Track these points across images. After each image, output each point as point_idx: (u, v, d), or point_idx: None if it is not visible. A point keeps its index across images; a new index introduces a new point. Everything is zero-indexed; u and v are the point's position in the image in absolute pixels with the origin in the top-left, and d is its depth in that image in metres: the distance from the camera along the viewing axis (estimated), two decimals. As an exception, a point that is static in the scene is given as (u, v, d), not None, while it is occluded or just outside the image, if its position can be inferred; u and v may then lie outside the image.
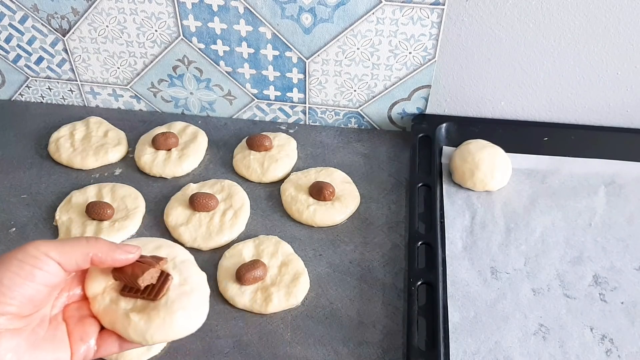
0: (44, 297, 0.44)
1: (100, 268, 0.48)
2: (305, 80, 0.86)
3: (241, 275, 0.68)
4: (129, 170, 0.85)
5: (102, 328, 0.48)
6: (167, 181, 0.83)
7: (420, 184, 0.79)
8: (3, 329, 0.42)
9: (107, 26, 0.84)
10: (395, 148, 0.88)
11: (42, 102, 0.95)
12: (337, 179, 0.81)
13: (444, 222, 0.77)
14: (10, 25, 0.86)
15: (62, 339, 0.46)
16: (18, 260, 0.43)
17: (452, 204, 0.79)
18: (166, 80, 0.89)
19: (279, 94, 0.88)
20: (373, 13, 0.77)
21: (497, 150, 0.81)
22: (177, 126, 0.88)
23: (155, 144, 0.84)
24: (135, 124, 0.91)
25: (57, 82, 0.92)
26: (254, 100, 0.90)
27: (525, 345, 0.65)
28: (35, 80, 0.93)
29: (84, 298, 0.49)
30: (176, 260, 0.50)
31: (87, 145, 0.85)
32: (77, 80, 0.92)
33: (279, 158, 0.83)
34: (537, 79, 0.83)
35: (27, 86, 0.94)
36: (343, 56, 0.82)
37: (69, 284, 0.49)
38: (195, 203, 0.76)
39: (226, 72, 0.87)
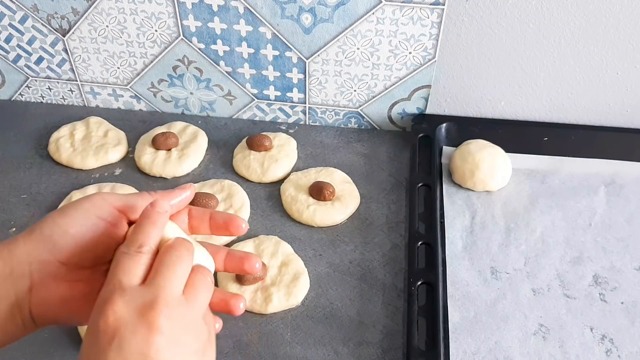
0: (101, 248, 0.44)
1: None
2: (305, 80, 0.86)
3: (241, 275, 0.68)
4: (129, 170, 0.85)
5: None
6: (167, 181, 0.83)
7: (420, 184, 0.79)
8: (63, 279, 0.43)
9: (107, 26, 0.84)
10: (395, 148, 0.88)
11: (42, 102, 0.95)
12: (337, 179, 0.81)
13: (444, 222, 0.77)
14: (10, 25, 0.86)
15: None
16: (84, 210, 0.43)
17: (452, 204, 0.79)
18: (166, 80, 0.89)
19: (279, 94, 0.88)
20: (373, 13, 0.77)
21: (497, 150, 0.81)
22: (177, 126, 0.88)
23: (155, 144, 0.84)
24: (135, 124, 0.91)
25: (57, 82, 0.92)
26: (254, 100, 0.90)
27: (525, 345, 0.65)
28: (35, 80, 0.93)
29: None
30: None
31: (87, 145, 0.85)
32: (77, 80, 0.92)
33: (279, 158, 0.83)
34: (537, 79, 0.83)
35: (27, 86, 0.94)
36: (343, 56, 0.82)
37: None
38: (195, 203, 0.76)
39: (226, 72, 0.87)
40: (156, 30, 0.83)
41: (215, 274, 0.71)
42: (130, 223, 0.46)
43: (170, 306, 0.39)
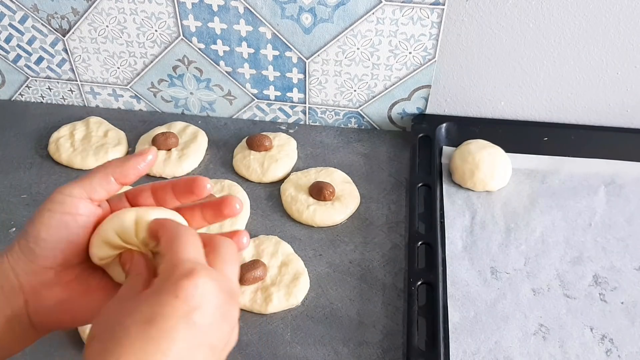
0: (85, 237, 0.43)
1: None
2: (305, 80, 0.86)
3: (241, 275, 0.68)
4: (129, 170, 0.84)
5: None
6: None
7: (420, 184, 0.79)
8: (55, 284, 0.43)
9: (107, 26, 0.84)
10: (395, 148, 0.88)
11: (42, 102, 0.95)
12: (337, 179, 0.81)
13: (444, 222, 0.77)
14: (10, 25, 0.86)
15: (113, 285, 0.45)
16: (48, 211, 0.42)
17: (452, 204, 0.79)
18: (166, 80, 0.89)
19: (279, 94, 0.88)
20: (373, 13, 0.77)
21: (497, 150, 0.81)
22: (177, 126, 0.88)
23: (155, 144, 0.84)
24: (135, 124, 0.91)
25: (57, 82, 0.92)
26: (254, 100, 0.90)
27: (525, 345, 0.65)
28: (35, 80, 0.93)
29: None
30: None
31: (87, 145, 0.85)
32: (77, 80, 0.92)
33: (279, 158, 0.83)
34: (537, 79, 0.83)
35: (27, 86, 0.94)
36: (343, 56, 0.82)
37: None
38: (195, 203, 0.76)
39: (226, 72, 0.87)
40: (156, 30, 0.83)
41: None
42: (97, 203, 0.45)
43: (239, 299, 0.41)
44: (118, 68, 0.89)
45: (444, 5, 0.75)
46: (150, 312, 0.36)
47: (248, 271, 0.68)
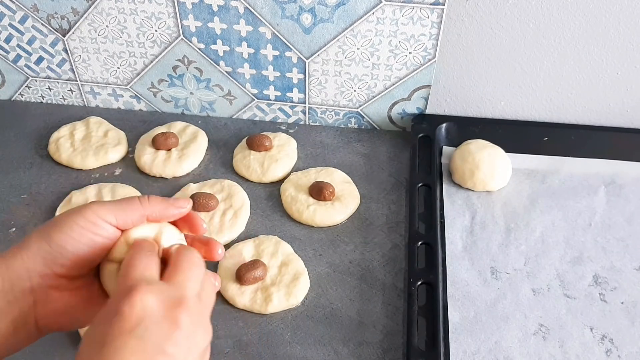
0: (98, 258, 0.46)
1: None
2: (305, 80, 0.86)
3: (241, 275, 0.68)
4: (129, 170, 0.85)
5: None
6: (167, 181, 0.83)
7: (420, 184, 0.79)
8: (65, 288, 0.44)
9: (107, 26, 0.84)
10: (395, 148, 0.88)
11: (42, 102, 0.95)
12: (337, 179, 0.81)
13: (444, 222, 0.77)
14: (10, 25, 0.86)
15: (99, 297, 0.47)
16: (79, 227, 0.44)
17: (452, 204, 0.79)
18: (166, 80, 0.89)
19: (279, 94, 0.88)
20: (373, 13, 0.77)
21: (497, 150, 0.81)
22: (177, 126, 0.88)
23: (155, 144, 0.84)
24: (135, 124, 0.91)
25: (57, 82, 0.92)
26: (254, 100, 0.90)
27: (525, 345, 0.65)
28: (35, 80, 0.93)
29: None
30: None
31: (87, 145, 0.85)
32: (77, 80, 0.92)
33: (279, 158, 0.83)
34: (537, 79, 0.83)
35: (27, 86, 0.94)
36: (343, 56, 0.82)
37: None
38: (195, 203, 0.76)
39: (226, 72, 0.87)
40: (156, 30, 0.83)
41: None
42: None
43: (191, 305, 0.41)
44: (118, 68, 0.89)
45: (444, 5, 0.75)
46: (101, 333, 0.38)
47: (248, 271, 0.68)
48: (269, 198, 0.81)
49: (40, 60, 0.90)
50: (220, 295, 0.69)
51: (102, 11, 0.82)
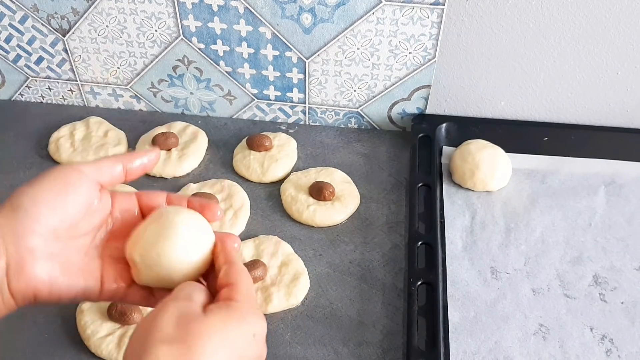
0: (80, 216, 0.45)
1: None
2: (305, 80, 0.86)
3: (241, 275, 0.68)
4: (129, 170, 0.85)
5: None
6: (167, 181, 0.83)
7: (420, 184, 0.79)
8: (40, 252, 0.43)
9: (107, 26, 0.84)
10: (395, 148, 0.88)
11: (42, 102, 0.95)
12: (337, 179, 0.81)
13: (444, 222, 0.77)
14: (10, 25, 0.86)
15: (94, 273, 0.46)
16: (53, 177, 0.43)
17: (452, 204, 0.79)
18: (166, 80, 0.89)
19: (279, 94, 0.88)
20: (373, 13, 0.77)
21: (497, 150, 0.81)
22: (177, 126, 0.88)
23: (155, 144, 0.84)
24: (135, 124, 0.91)
25: (57, 82, 0.92)
26: (254, 100, 0.90)
27: (525, 345, 0.65)
28: (35, 80, 0.93)
29: (126, 236, 0.47)
30: None
31: (87, 145, 0.85)
32: (77, 80, 0.92)
33: (279, 158, 0.83)
34: (537, 79, 0.83)
35: (27, 86, 0.94)
36: (343, 56, 0.82)
37: (107, 219, 0.48)
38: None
39: (226, 72, 0.87)
40: (156, 30, 0.83)
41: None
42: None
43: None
44: (118, 68, 0.89)
45: (444, 5, 0.75)
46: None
47: (248, 271, 0.68)
48: (269, 198, 0.81)
49: (40, 60, 0.90)
50: (220, 295, 0.69)
51: (102, 11, 0.82)
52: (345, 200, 0.78)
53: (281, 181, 0.82)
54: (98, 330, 0.65)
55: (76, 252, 0.45)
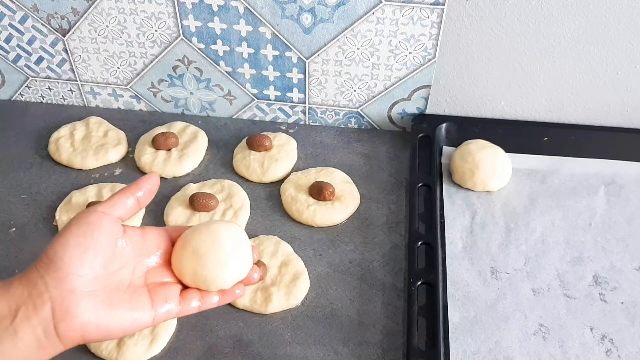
0: (109, 251, 0.49)
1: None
2: (305, 80, 0.86)
3: (241, 275, 0.68)
4: (129, 170, 0.85)
5: (183, 288, 0.53)
6: (167, 181, 0.83)
7: (420, 184, 0.79)
8: (81, 292, 0.46)
9: (107, 26, 0.84)
10: (395, 148, 0.88)
11: (42, 102, 0.95)
12: (337, 179, 0.81)
13: (444, 222, 0.77)
14: (10, 25, 0.86)
15: (142, 300, 0.49)
16: (74, 223, 0.48)
17: (452, 204, 0.79)
18: (166, 80, 0.89)
19: (279, 94, 0.88)
20: (373, 13, 0.77)
21: (497, 150, 0.81)
22: (177, 126, 0.88)
23: (155, 144, 0.84)
24: (135, 124, 0.91)
25: (57, 82, 0.92)
26: (254, 100, 0.90)
27: (525, 345, 0.65)
28: (35, 80, 0.93)
29: (165, 264, 0.53)
30: None
31: (87, 145, 0.85)
32: (77, 80, 0.92)
33: (279, 158, 0.83)
34: (537, 79, 0.83)
35: (27, 86, 0.94)
36: (343, 56, 0.82)
37: (145, 250, 0.52)
38: (195, 203, 0.76)
39: (226, 72, 0.87)
40: (156, 30, 0.83)
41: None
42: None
43: None
44: (118, 68, 0.89)
45: (444, 5, 0.75)
46: None
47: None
48: (269, 198, 0.81)
49: (40, 60, 0.90)
50: (220, 295, 0.69)
51: (102, 11, 0.82)
52: (345, 200, 0.78)
53: (281, 181, 0.82)
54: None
55: (118, 287, 0.49)
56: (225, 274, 0.52)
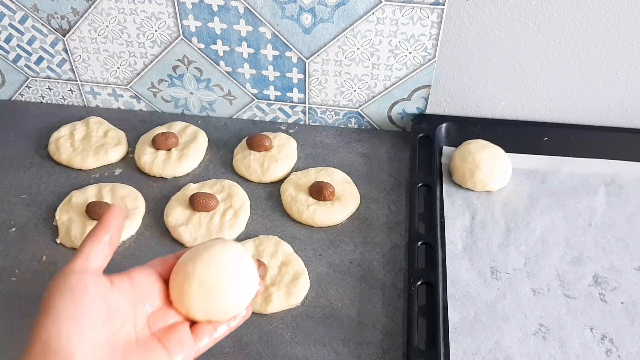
0: (103, 310, 0.43)
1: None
2: (305, 80, 0.86)
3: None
4: (129, 170, 0.85)
5: (191, 325, 0.49)
6: (167, 181, 0.83)
7: (420, 184, 0.79)
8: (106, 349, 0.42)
9: (107, 26, 0.84)
10: (395, 148, 0.88)
11: (42, 102, 0.95)
12: (337, 179, 0.81)
13: (444, 222, 0.77)
14: (10, 25, 0.86)
15: (158, 354, 0.46)
16: (57, 292, 0.42)
17: (452, 204, 0.79)
18: (166, 80, 0.89)
19: (279, 94, 0.88)
20: (373, 13, 0.77)
21: (497, 150, 0.81)
22: (177, 126, 0.88)
23: (155, 144, 0.84)
24: (135, 124, 0.91)
25: (57, 82, 0.92)
26: (254, 100, 0.90)
27: (525, 345, 0.65)
28: (35, 80, 0.93)
29: (164, 305, 0.49)
30: None
31: (87, 145, 0.85)
32: (77, 80, 0.92)
33: (279, 158, 0.83)
34: (537, 79, 0.83)
35: (27, 86, 0.94)
36: (343, 56, 0.82)
37: (138, 297, 0.48)
38: (195, 203, 0.76)
39: (226, 72, 0.87)
40: (156, 30, 0.83)
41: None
42: None
43: None
44: (118, 68, 0.89)
45: (444, 5, 0.75)
46: None
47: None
48: (269, 198, 0.81)
49: (40, 60, 0.90)
50: (220, 295, 0.69)
51: (102, 11, 0.82)
52: (345, 200, 0.78)
53: (281, 181, 0.82)
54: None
55: (128, 346, 0.44)
56: (239, 299, 0.50)
